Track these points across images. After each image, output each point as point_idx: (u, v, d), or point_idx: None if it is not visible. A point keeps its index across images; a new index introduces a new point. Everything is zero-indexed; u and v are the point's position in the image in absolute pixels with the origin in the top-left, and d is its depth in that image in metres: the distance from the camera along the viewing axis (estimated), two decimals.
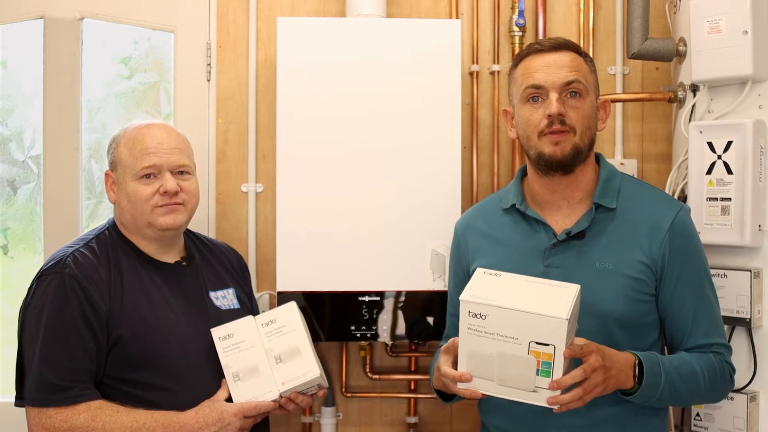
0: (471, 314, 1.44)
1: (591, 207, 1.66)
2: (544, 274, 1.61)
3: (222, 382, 1.75)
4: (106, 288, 1.72)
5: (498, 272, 1.52)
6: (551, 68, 1.63)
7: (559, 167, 1.64)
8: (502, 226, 1.75)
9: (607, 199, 1.66)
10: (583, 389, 1.43)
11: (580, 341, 1.46)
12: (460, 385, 1.47)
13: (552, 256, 1.65)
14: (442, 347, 1.59)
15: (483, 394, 1.47)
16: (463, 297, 1.45)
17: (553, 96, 1.61)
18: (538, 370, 1.41)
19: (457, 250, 1.85)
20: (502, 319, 1.41)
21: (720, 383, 1.64)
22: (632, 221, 1.65)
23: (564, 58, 1.64)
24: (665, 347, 1.74)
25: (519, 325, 1.41)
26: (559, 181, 1.68)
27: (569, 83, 1.62)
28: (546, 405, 1.43)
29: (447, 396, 1.72)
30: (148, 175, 1.77)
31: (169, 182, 1.77)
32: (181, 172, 1.82)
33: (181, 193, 1.80)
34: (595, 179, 1.71)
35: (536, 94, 1.64)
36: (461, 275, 1.81)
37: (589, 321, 1.55)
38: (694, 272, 1.65)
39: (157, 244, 1.83)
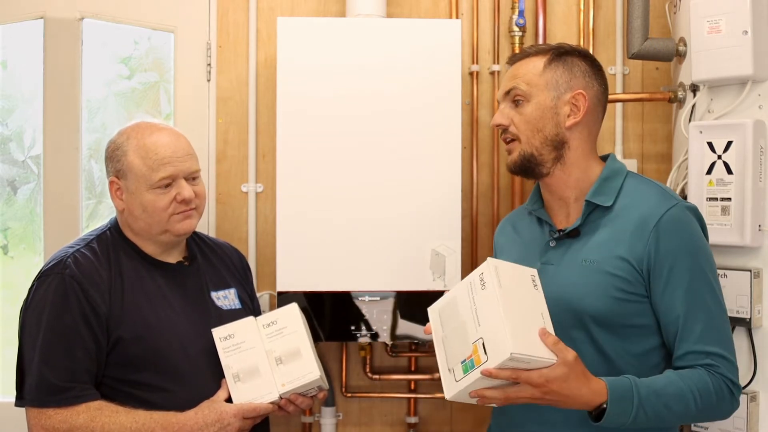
0: (480, 276, 1.47)
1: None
2: (540, 271, 1.60)
3: (222, 383, 1.75)
4: (107, 289, 1.71)
5: (537, 283, 1.53)
6: (503, 81, 1.69)
7: (517, 174, 1.70)
8: (524, 228, 1.79)
9: (602, 197, 1.63)
10: (504, 398, 1.43)
11: (541, 372, 1.41)
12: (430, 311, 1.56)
13: (548, 253, 1.67)
14: None
15: (430, 332, 1.54)
16: (492, 260, 1.49)
17: (500, 107, 1.68)
18: (464, 360, 1.42)
19: (494, 253, 1.90)
20: (489, 303, 1.43)
21: (716, 402, 1.52)
22: (624, 218, 1.61)
23: (519, 67, 1.68)
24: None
25: (491, 321, 1.41)
26: (547, 183, 1.70)
27: (507, 92, 1.67)
28: (443, 391, 1.46)
29: None
30: (163, 184, 1.76)
31: (186, 190, 1.77)
32: (193, 177, 1.82)
33: (194, 199, 1.80)
34: (591, 178, 1.68)
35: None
36: None
37: (565, 316, 1.55)
38: (685, 272, 1.54)
39: (162, 246, 1.83)
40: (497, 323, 1.39)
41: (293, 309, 1.83)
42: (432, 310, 1.57)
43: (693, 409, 1.51)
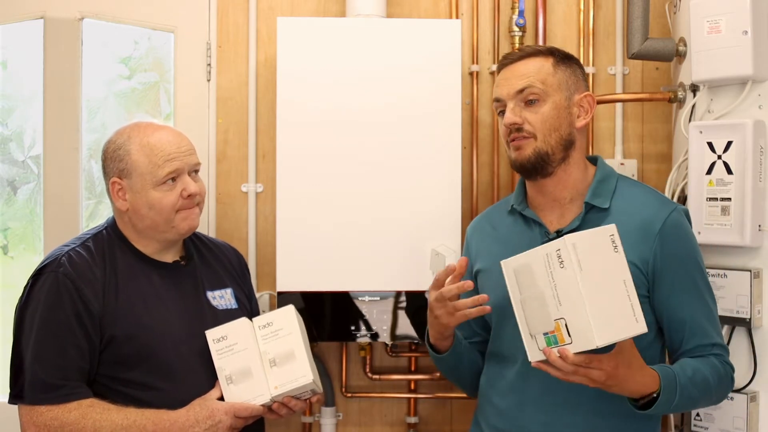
0: (558, 252, 1.42)
1: (583, 207, 1.67)
2: None
3: (216, 383, 1.75)
4: (101, 287, 1.72)
5: (617, 243, 1.47)
6: (509, 80, 1.69)
7: (524, 172, 1.70)
8: (504, 227, 1.79)
9: (600, 199, 1.67)
10: (569, 375, 1.45)
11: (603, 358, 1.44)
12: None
13: None
14: (432, 285, 1.64)
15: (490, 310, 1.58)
16: (570, 236, 1.43)
17: (509, 106, 1.68)
18: (546, 333, 1.45)
19: (466, 253, 1.89)
20: (570, 285, 1.41)
21: (726, 385, 1.65)
22: (624, 221, 1.62)
23: (525, 66, 1.68)
24: (664, 349, 1.73)
25: (574, 306, 1.40)
26: (543, 184, 1.70)
27: (521, 91, 1.66)
28: (528, 356, 1.49)
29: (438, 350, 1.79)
30: (169, 180, 1.77)
31: (192, 185, 1.79)
32: (195, 171, 1.83)
33: (197, 195, 1.81)
34: (587, 179, 1.72)
35: (500, 107, 1.72)
36: (467, 277, 1.82)
37: None
38: (688, 274, 1.64)
39: (161, 245, 1.83)
40: (581, 311, 1.39)
41: (290, 311, 1.81)
42: (507, 266, 1.53)
43: (713, 395, 1.63)
